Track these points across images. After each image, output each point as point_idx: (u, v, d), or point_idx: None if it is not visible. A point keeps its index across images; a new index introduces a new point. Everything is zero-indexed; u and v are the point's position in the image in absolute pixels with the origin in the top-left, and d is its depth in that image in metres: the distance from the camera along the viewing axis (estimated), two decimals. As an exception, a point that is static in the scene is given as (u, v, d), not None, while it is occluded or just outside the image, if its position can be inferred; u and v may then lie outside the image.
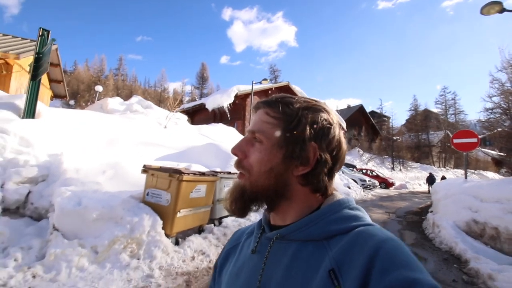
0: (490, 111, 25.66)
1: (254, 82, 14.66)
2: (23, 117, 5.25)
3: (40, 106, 5.95)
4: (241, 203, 0.56)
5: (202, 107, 20.13)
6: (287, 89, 21.25)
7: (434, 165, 35.18)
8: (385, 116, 43.31)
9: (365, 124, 37.65)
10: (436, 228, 6.26)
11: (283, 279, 0.50)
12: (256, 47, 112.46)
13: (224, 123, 17.20)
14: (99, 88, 20.03)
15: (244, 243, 0.65)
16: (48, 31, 6.00)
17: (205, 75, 40.23)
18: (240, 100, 18.93)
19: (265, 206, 0.58)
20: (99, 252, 3.12)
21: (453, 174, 32.62)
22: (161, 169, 3.90)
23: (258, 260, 0.56)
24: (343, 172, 15.63)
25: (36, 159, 4.21)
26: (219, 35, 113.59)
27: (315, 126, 0.54)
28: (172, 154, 7.64)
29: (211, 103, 18.66)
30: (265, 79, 13.95)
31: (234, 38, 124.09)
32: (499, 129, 26.41)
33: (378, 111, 44.75)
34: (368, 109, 41.51)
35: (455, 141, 7.55)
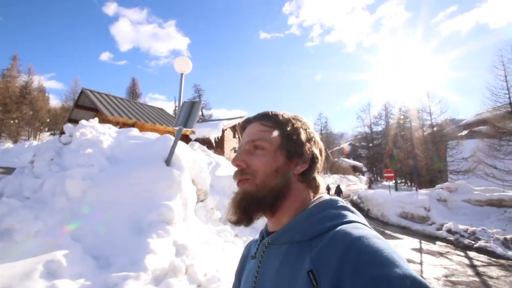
0: (356, 137, 40.41)
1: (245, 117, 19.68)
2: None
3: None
4: (251, 209, 0.58)
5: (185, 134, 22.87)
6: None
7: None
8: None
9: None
10: (386, 217, 14.17)
11: (273, 282, 0.54)
12: (144, 49, 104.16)
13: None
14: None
15: (252, 250, 0.70)
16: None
17: (137, 91, 38.82)
18: (222, 132, 23.18)
19: (267, 212, 0.60)
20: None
21: (332, 179, 46.99)
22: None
23: (255, 265, 0.62)
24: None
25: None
26: (99, 29, 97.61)
27: (307, 130, 0.65)
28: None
29: (197, 134, 21.92)
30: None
31: (119, 36, 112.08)
32: (357, 144, 42.37)
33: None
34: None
35: (385, 175, 16.24)
